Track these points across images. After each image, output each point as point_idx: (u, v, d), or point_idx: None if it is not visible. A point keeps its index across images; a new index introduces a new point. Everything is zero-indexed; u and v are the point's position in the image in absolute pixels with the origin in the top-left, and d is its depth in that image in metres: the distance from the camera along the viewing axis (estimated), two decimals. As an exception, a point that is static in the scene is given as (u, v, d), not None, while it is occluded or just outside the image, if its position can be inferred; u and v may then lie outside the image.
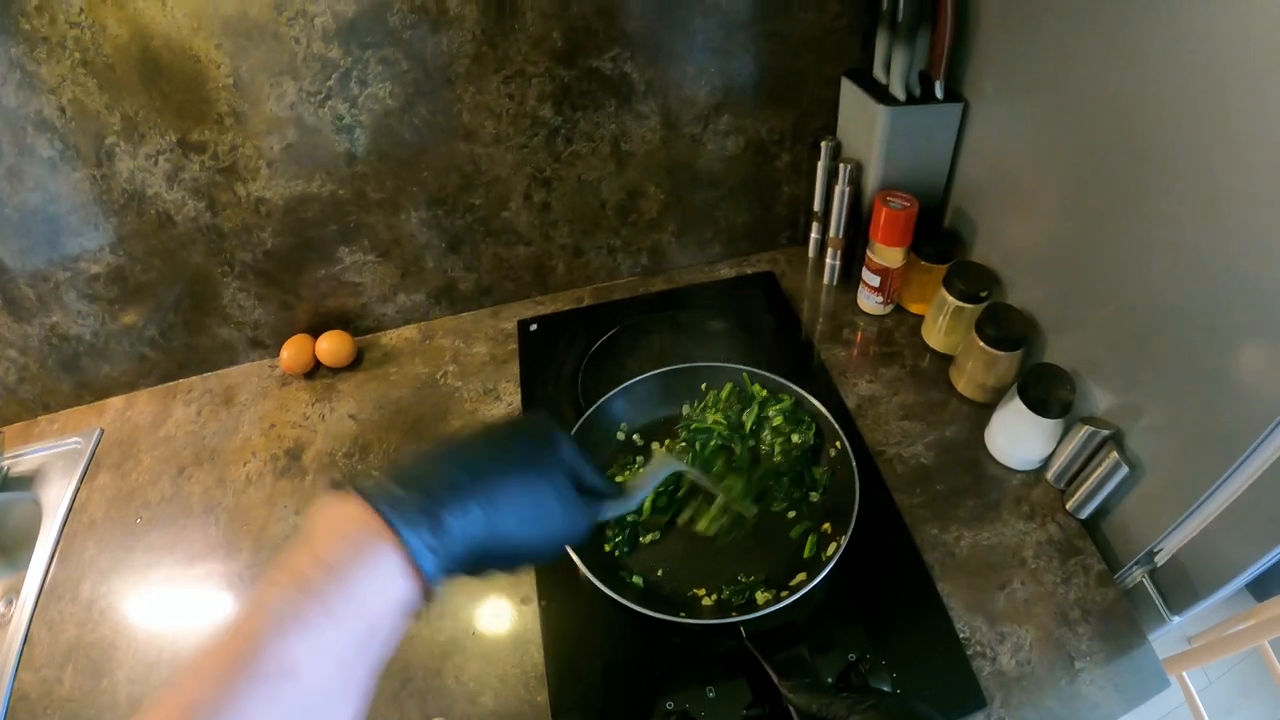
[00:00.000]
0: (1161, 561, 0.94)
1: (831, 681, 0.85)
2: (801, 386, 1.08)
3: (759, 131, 1.30)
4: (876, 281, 1.26)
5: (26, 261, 1.14)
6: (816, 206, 1.37)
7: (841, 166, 1.24)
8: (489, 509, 0.56)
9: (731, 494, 0.99)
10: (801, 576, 0.92)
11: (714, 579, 0.96)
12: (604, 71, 1.15)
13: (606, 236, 1.39)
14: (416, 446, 0.60)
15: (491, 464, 0.59)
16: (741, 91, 1.23)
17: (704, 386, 1.14)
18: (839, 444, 1.01)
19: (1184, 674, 1.77)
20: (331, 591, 0.47)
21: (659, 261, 1.47)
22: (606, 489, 0.70)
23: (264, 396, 1.32)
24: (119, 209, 1.11)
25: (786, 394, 1.09)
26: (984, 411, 1.12)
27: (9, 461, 1.26)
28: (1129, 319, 0.91)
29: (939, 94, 1.14)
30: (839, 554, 0.89)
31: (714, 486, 1.00)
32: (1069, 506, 1.02)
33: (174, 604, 1.05)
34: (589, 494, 0.67)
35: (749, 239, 1.48)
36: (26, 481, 1.23)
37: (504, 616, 0.98)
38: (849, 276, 1.38)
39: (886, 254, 1.22)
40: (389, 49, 1.05)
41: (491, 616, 0.98)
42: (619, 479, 0.89)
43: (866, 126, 1.19)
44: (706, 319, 1.35)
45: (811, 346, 1.29)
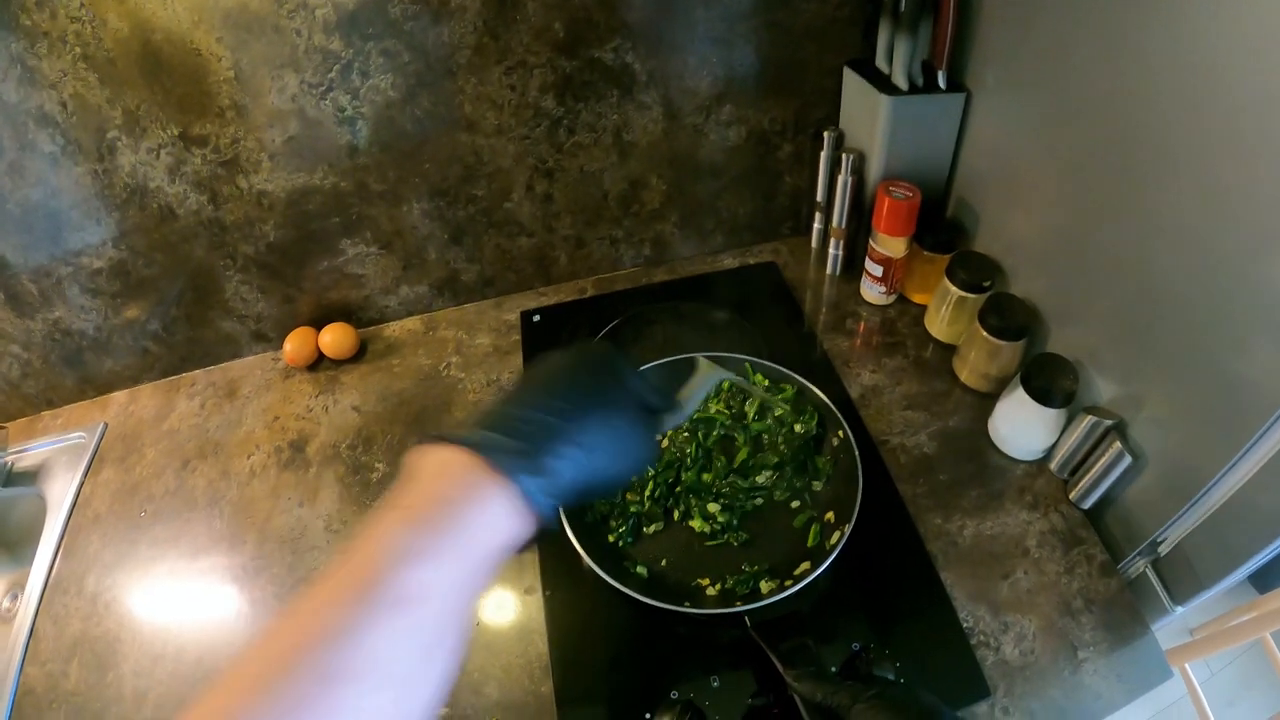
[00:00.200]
0: (1164, 552, 0.94)
1: (836, 671, 0.85)
2: (805, 376, 1.08)
3: (761, 122, 1.30)
4: (879, 271, 1.26)
5: (29, 257, 1.14)
6: (819, 197, 1.37)
7: (844, 156, 1.24)
8: (582, 448, 0.59)
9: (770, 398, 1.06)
10: (805, 566, 0.92)
11: (718, 569, 0.96)
12: (606, 62, 1.15)
13: (609, 227, 1.39)
14: (506, 392, 0.64)
15: (575, 404, 0.62)
16: (743, 82, 1.23)
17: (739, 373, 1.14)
18: (841, 433, 1.01)
19: (1186, 665, 1.77)
20: (450, 526, 0.50)
21: (661, 252, 1.47)
22: (666, 405, 0.73)
23: (267, 389, 1.32)
24: (121, 203, 1.11)
25: (789, 384, 1.09)
26: (987, 401, 1.12)
27: (13, 457, 1.26)
28: (1132, 309, 0.91)
29: (941, 84, 1.14)
30: (842, 543, 0.89)
31: (752, 389, 1.04)
32: (1072, 496, 1.02)
33: (179, 597, 1.05)
34: (651, 413, 0.71)
35: (751, 229, 1.48)
36: (31, 477, 1.24)
37: (508, 607, 0.98)
38: (852, 267, 1.38)
39: (889, 244, 1.22)
40: (390, 40, 1.04)
41: (495, 607, 0.98)
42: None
43: (869, 116, 1.19)
44: (709, 309, 1.35)
45: (814, 337, 1.29)
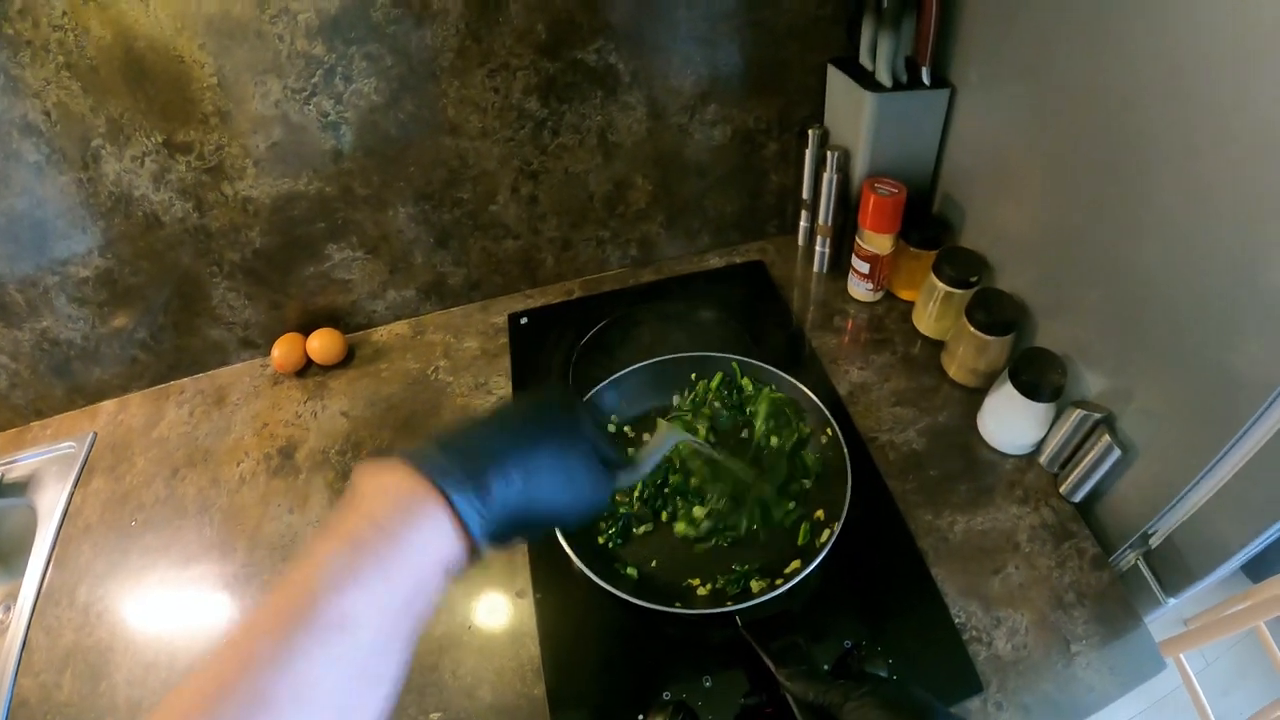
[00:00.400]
0: (1156, 544, 0.94)
1: (828, 669, 0.85)
2: (792, 375, 1.08)
3: (746, 121, 1.30)
4: (866, 268, 1.26)
5: (15, 267, 1.13)
6: (805, 195, 1.37)
7: (829, 154, 1.24)
8: (527, 476, 0.59)
9: (733, 462, 1.03)
10: (795, 564, 0.92)
11: (708, 568, 0.96)
12: (589, 63, 1.15)
13: (595, 228, 1.39)
14: (460, 422, 0.64)
15: (526, 435, 0.62)
16: (727, 81, 1.23)
17: (694, 376, 1.14)
18: (830, 431, 1.01)
19: (1181, 656, 1.77)
20: (384, 549, 0.50)
21: (648, 252, 1.47)
22: (618, 460, 0.72)
23: (256, 396, 1.32)
24: (106, 212, 1.11)
25: (777, 382, 1.09)
26: (976, 396, 1.12)
27: (3, 468, 1.25)
28: (1119, 302, 0.91)
29: (925, 80, 1.14)
30: (832, 541, 0.89)
31: (715, 453, 1.02)
32: (1062, 490, 1.02)
33: (170, 606, 1.05)
34: (605, 465, 0.70)
35: (738, 228, 1.48)
36: (21, 488, 1.23)
37: (499, 611, 0.98)
38: (839, 264, 1.38)
39: (876, 241, 1.22)
40: (373, 45, 1.04)
41: (487, 611, 0.98)
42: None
43: (853, 113, 1.19)
44: (696, 309, 1.35)
45: (802, 334, 1.29)
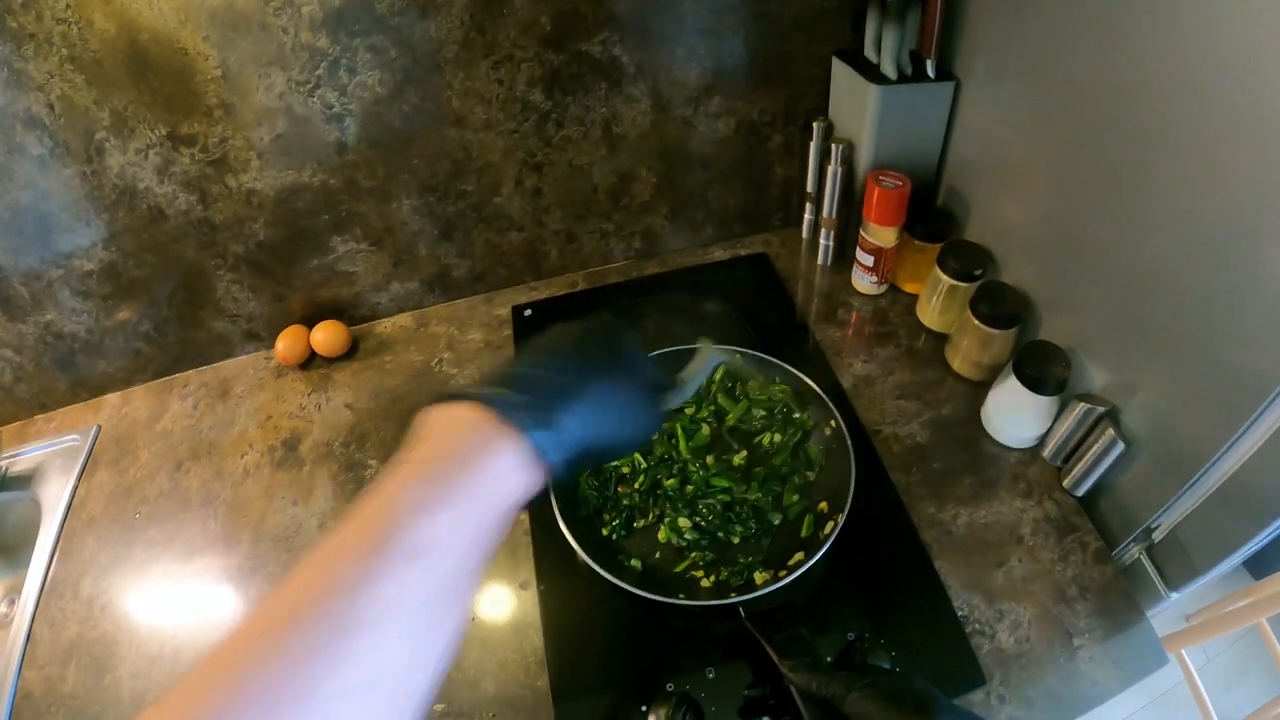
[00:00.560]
0: (1159, 538, 0.94)
1: (831, 660, 0.85)
2: (797, 367, 1.07)
3: (750, 113, 1.30)
4: (870, 261, 1.26)
5: (19, 260, 1.13)
6: (809, 187, 1.37)
7: (834, 147, 1.23)
8: (591, 408, 0.60)
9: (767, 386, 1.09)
10: (799, 556, 0.92)
11: (712, 560, 0.96)
12: (593, 55, 1.14)
13: (599, 220, 1.39)
14: (516, 355, 0.65)
15: (586, 368, 0.63)
16: (732, 73, 1.23)
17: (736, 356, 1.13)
18: (834, 423, 1.01)
19: (1183, 651, 1.77)
20: (459, 478, 0.50)
21: (652, 245, 1.47)
22: (667, 383, 0.75)
23: (260, 388, 1.32)
24: (110, 205, 1.11)
25: (781, 375, 1.09)
26: (980, 390, 1.12)
27: (7, 461, 1.26)
28: (1123, 295, 0.91)
29: (930, 73, 1.14)
30: (836, 533, 0.89)
31: (751, 372, 1.08)
32: (1066, 484, 1.02)
33: (174, 598, 1.05)
34: (654, 388, 0.71)
35: (742, 221, 1.48)
36: (25, 481, 1.23)
37: (503, 602, 0.98)
38: (843, 257, 1.38)
39: (880, 234, 1.22)
40: (377, 36, 1.04)
41: (490, 603, 0.98)
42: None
43: (858, 106, 1.19)
44: (701, 301, 1.35)
45: (806, 327, 1.29)
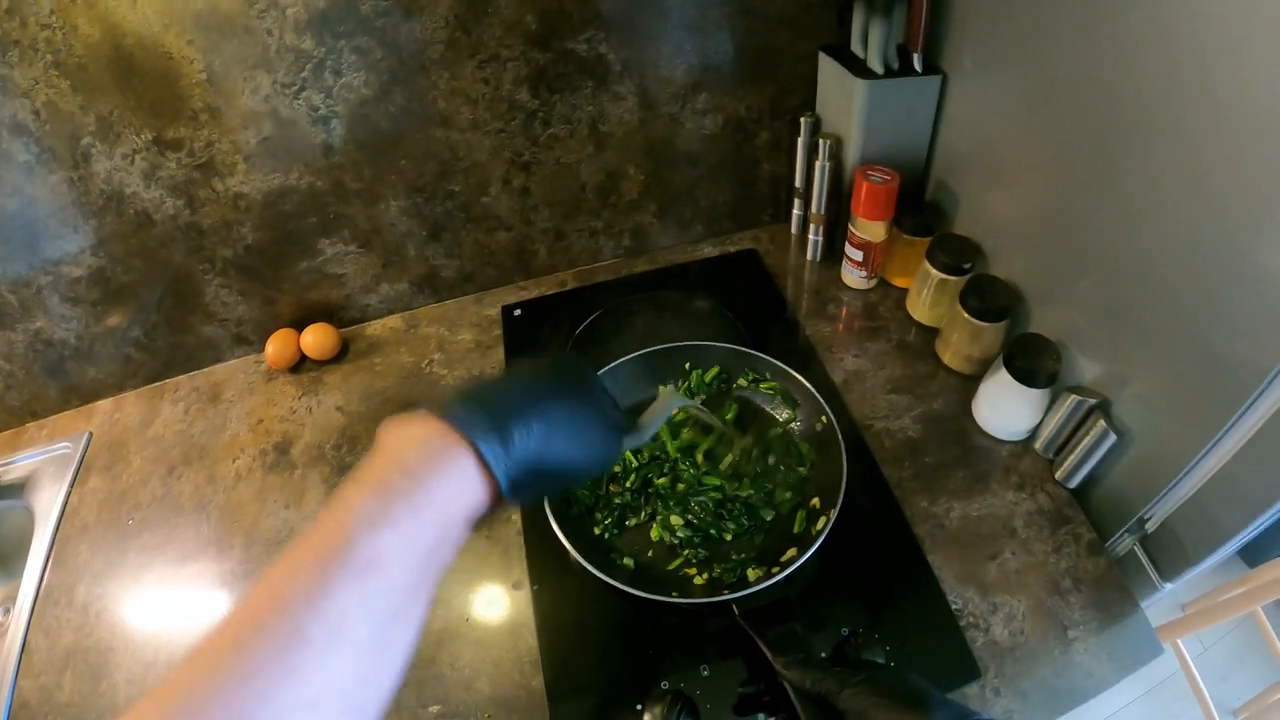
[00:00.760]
0: (1152, 529, 0.94)
1: (825, 656, 0.86)
2: (787, 363, 1.07)
3: (737, 109, 1.30)
4: (860, 256, 1.26)
5: (7, 267, 1.13)
6: (798, 183, 1.37)
7: (821, 142, 1.23)
8: (545, 427, 0.61)
9: (730, 429, 1.06)
10: (792, 552, 0.92)
11: (704, 557, 0.97)
12: (579, 53, 1.14)
13: (587, 219, 1.39)
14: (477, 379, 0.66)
15: (545, 390, 0.64)
16: (718, 69, 1.23)
17: (688, 366, 1.13)
18: (825, 419, 1.01)
19: (1178, 641, 1.78)
20: (415, 493, 0.52)
21: (641, 243, 1.47)
22: (625, 424, 0.75)
23: (250, 392, 1.32)
24: (98, 210, 1.10)
25: (771, 371, 1.09)
26: (971, 383, 1.12)
27: (-1, 469, 1.26)
28: (1113, 287, 0.91)
29: (917, 67, 1.14)
30: (829, 528, 0.89)
31: (712, 419, 1.03)
32: (1058, 476, 1.02)
33: (169, 604, 1.05)
34: (613, 422, 0.72)
35: (731, 217, 1.48)
36: (17, 489, 1.23)
37: (497, 603, 0.98)
38: (832, 252, 1.38)
39: (869, 228, 1.22)
40: (362, 38, 1.04)
41: (484, 603, 0.98)
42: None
43: (845, 101, 1.19)
44: (690, 299, 1.35)
45: (797, 323, 1.29)
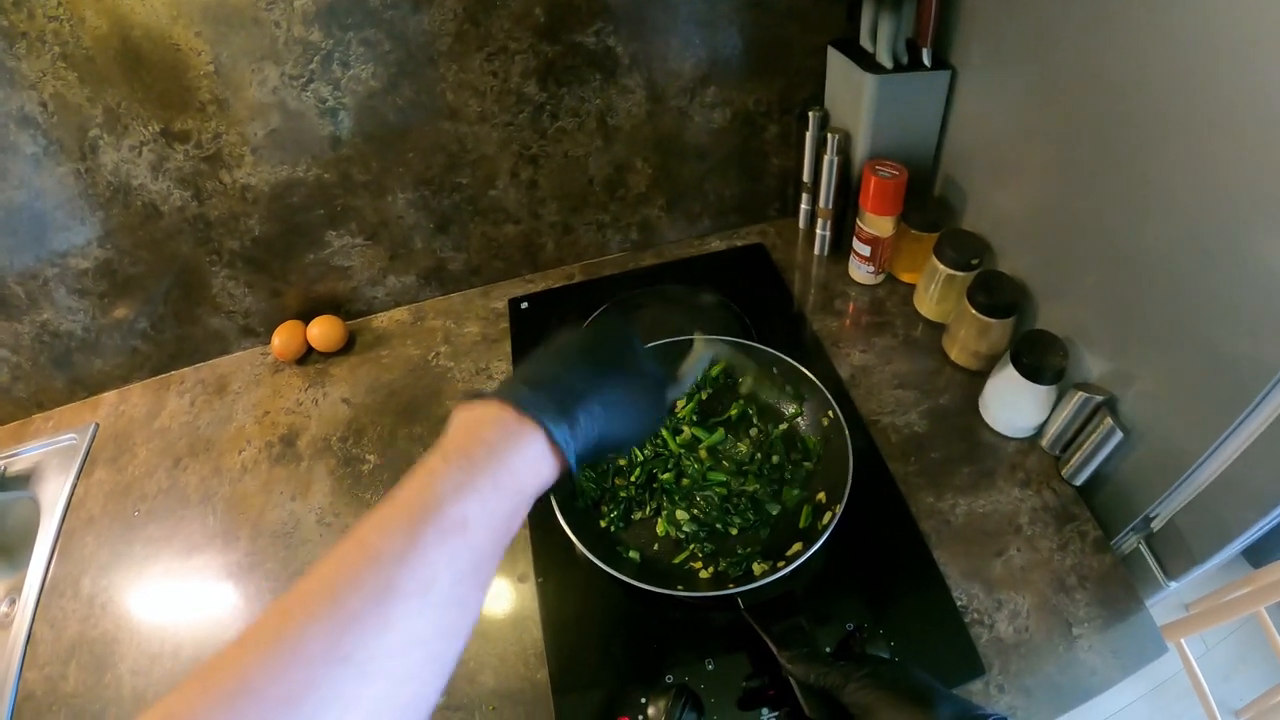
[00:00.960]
0: (1157, 527, 0.94)
1: (830, 651, 0.86)
2: (794, 357, 1.07)
3: (746, 103, 1.29)
4: (867, 251, 1.26)
5: (14, 260, 1.13)
6: (805, 177, 1.36)
7: (830, 136, 1.23)
8: (604, 406, 0.65)
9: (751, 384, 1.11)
10: (798, 546, 0.92)
11: (710, 551, 0.97)
12: (588, 46, 1.14)
13: (595, 212, 1.38)
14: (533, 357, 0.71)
15: (599, 370, 0.68)
16: (727, 63, 1.22)
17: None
18: (832, 413, 1.01)
19: (1182, 640, 1.78)
20: (496, 465, 0.56)
21: (648, 236, 1.46)
22: (668, 378, 0.80)
23: (257, 384, 1.32)
24: (105, 202, 1.11)
25: (778, 365, 1.09)
26: (977, 379, 1.12)
27: (5, 461, 1.26)
28: (1121, 284, 0.90)
29: (926, 62, 1.13)
30: (834, 523, 0.89)
31: (745, 365, 1.08)
32: (1064, 473, 1.02)
33: (174, 596, 1.05)
34: (657, 384, 0.76)
35: (738, 211, 1.48)
36: (23, 480, 1.23)
37: (502, 595, 0.98)
38: (840, 247, 1.38)
39: (876, 223, 1.21)
40: (370, 30, 1.04)
41: (489, 596, 0.97)
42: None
43: (854, 95, 1.19)
44: (697, 292, 1.35)
45: (803, 317, 1.29)
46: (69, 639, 1.02)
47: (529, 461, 0.59)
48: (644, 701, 0.84)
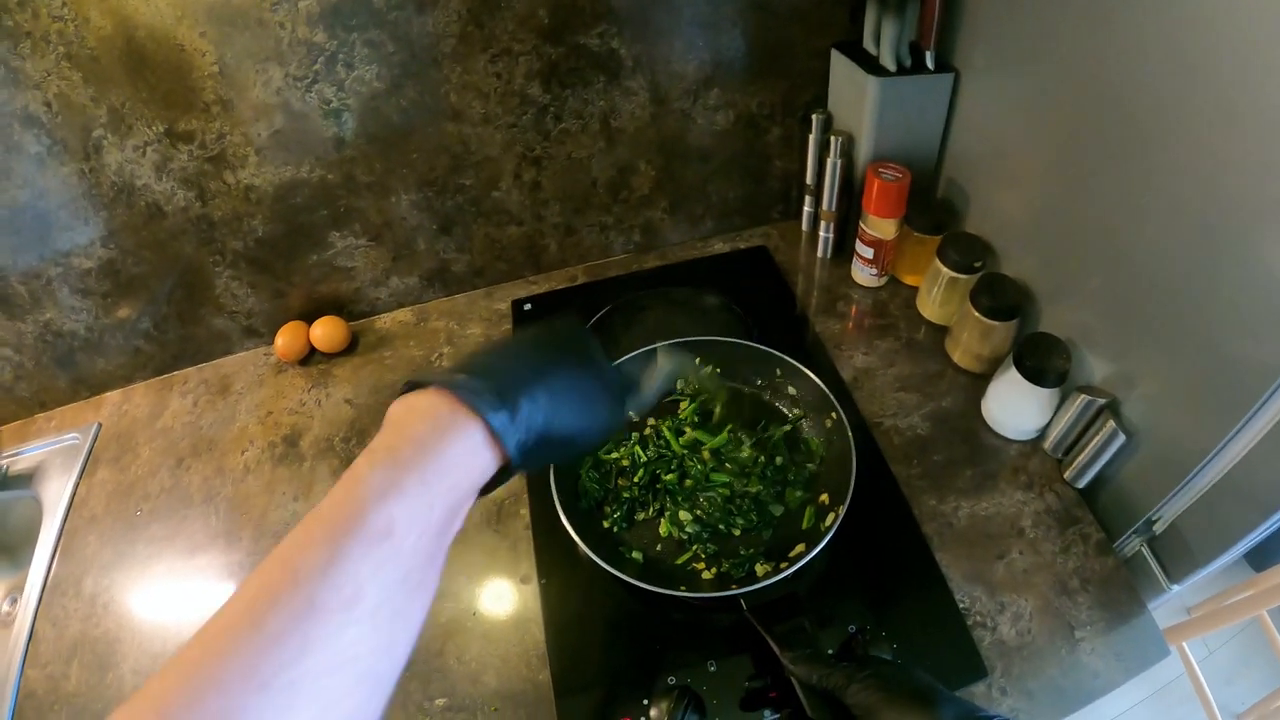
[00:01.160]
0: (1160, 530, 0.94)
1: (833, 652, 0.85)
2: (797, 360, 1.07)
3: (749, 105, 1.29)
4: (870, 254, 1.26)
5: (18, 259, 1.13)
6: (809, 180, 1.36)
7: (833, 139, 1.23)
8: (550, 395, 0.62)
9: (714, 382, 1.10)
10: (800, 548, 0.92)
11: (713, 552, 0.97)
12: (591, 48, 1.14)
13: (598, 214, 1.38)
14: (478, 348, 0.66)
15: (547, 358, 0.65)
16: (730, 65, 1.23)
17: (698, 361, 1.13)
18: (835, 416, 1.01)
19: (1184, 644, 1.78)
20: (424, 463, 0.53)
21: (651, 238, 1.47)
22: (629, 382, 0.77)
23: (260, 385, 1.32)
24: (108, 202, 1.11)
25: (781, 367, 1.09)
26: (980, 382, 1.12)
27: (8, 460, 1.26)
28: (1123, 287, 0.91)
29: (929, 64, 1.13)
30: (837, 525, 0.89)
31: (709, 383, 1.07)
32: (1067, 476, 1.02)
33: (177, 595, 1.05)
34: (614, 388, 0.72)
35: (741, 214, 1.48)
36: (26, 479, 1.23)
37: (504, 596, 0.98)
38: (842, 249, 1.38)
39: (880, 226, 1.21)
40: (374, 31, 1.04)
41: (492, 597, 0.98)
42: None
43: (857, 98, 1.19)
44: (700, 294, 1.35)
45: (806, 320, 1.29)
46: (71, 638, 1.02)
47: (464, 455, 0.55)
48: (646, 703, 0.84)
